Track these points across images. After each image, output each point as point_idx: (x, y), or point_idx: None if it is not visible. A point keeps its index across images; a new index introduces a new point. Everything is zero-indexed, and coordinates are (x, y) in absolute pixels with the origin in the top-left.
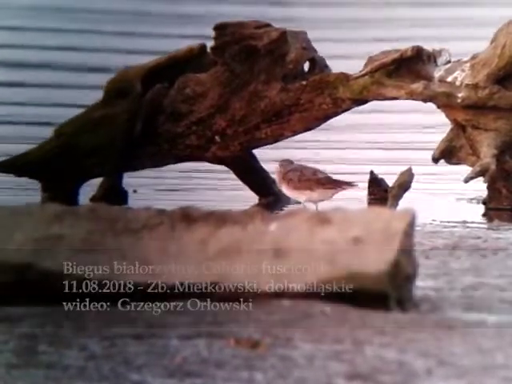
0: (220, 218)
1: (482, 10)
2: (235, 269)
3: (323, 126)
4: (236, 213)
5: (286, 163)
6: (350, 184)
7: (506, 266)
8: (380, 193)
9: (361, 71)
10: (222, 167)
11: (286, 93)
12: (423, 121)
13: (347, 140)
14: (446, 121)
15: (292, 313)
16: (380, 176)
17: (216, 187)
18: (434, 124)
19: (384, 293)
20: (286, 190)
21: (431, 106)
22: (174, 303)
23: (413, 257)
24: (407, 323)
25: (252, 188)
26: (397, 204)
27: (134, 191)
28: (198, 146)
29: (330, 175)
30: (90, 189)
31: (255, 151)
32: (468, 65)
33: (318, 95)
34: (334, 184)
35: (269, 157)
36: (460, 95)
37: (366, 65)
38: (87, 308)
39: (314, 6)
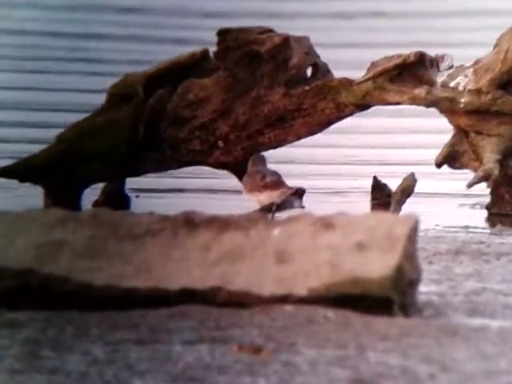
0: (223, 223)
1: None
2: (238, 274)
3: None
4: (239, 218)
5: (254, 161)
6: (291, 188)
7: (509, 271)
8: (383, 198)
9: (363, 76)
10: (225, 172)
11: (288, 98)
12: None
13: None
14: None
15: (295, 318)
16: (383, 181)
17: (218, 192)
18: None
19: (387, 298)
20: (244, 193)
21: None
22: (177, 308)
23: (416, 262)
24: (410, 328)
25: None
26: (400, 209)
27: (137, 196)
28: (200, 151)
29: (277, 179)
30: (92, 194)
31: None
32: (471, 70)
33: (320, 100)
34: (277, 187)
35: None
36: (463, 100)
37: (368, 70)
38: (89, 313)
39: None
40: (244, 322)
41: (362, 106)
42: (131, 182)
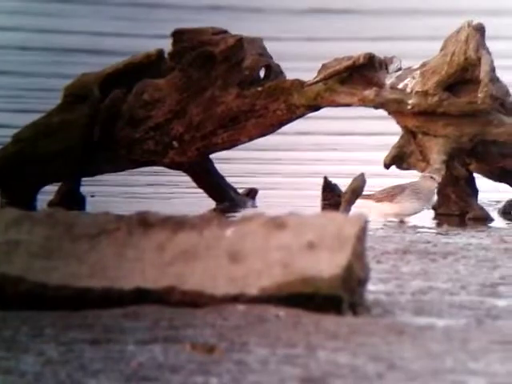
0: (177, 223)
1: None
2: (192, 273)
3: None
4: (193, 218)
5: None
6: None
7: (454, 271)
8: (333, 198)
9: (314, 78)
10: (180, 172)
11: (242, 99)
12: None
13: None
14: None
15: (247, 317)
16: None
17: (173, 192)
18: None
19: (337, 297)
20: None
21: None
22: (131, 308)
23: (365, 261)
24: (359, 327)
25: (209, 193)
26: (349, 209)
27: (92, 196)
28: (155, 152)
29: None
30: (47, 194)
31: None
32: (418, 72)
33: (273, 101)
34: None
35: None
36: (410, 102)
37: (319, 72)
38: (44, 313)
39: None
40: (197, 322)
41: (313, 108)
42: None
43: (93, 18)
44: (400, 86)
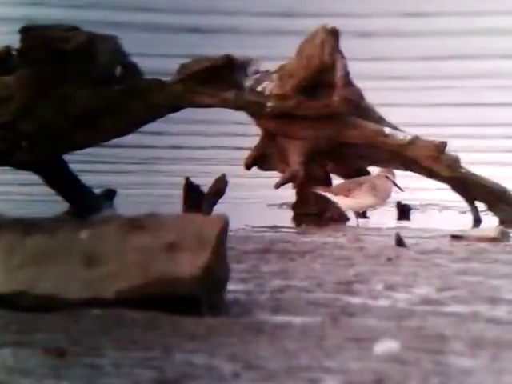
0: (28, 226)
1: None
2: (44, 277)
3: None
4: (45, 220)
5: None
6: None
7: (311, 269)
8: (195, 199)
9: (173, 78)
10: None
11: (97, 97)
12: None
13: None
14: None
15: (102, 321)
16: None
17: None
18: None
19: (196, 297)
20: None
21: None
22: None
23: (225, 261)
24: (217, 327)
25: (62, 195)
26: (211, 210)
27: None
28: (2, 151)
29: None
30: None
31: None
32: (276, 75)
33: (131, 100)
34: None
35: None
36: (269, 105)
37: (178, 72)
38: None
39: None
40: (49, 326)
41: (174, 108)
42: None
43: None
44: (259, 88)
